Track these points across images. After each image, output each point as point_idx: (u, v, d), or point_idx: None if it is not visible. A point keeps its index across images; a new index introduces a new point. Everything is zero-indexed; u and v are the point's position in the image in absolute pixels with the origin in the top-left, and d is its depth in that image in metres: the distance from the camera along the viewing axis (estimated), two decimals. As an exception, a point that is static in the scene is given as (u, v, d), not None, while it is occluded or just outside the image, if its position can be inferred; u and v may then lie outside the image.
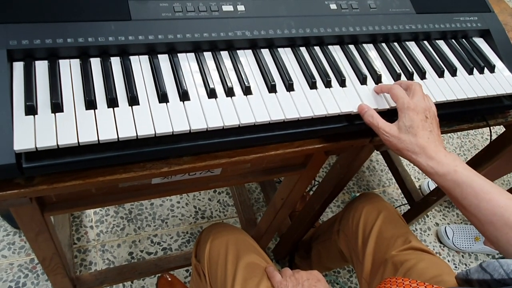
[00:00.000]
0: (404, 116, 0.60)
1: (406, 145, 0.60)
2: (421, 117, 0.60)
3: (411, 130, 0.59)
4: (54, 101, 0.50)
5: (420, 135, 0.59)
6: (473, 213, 0.56)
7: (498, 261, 0.54)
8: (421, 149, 0.59)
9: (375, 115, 0.62)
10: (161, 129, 0.53)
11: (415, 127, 0.59)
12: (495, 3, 1.01)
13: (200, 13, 0.63)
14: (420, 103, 0.61)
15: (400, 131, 0.60)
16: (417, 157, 0.59)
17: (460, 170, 0.57)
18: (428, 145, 0.59)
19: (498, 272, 0.57)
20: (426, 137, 0.59)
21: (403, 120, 0.60)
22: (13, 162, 0.46)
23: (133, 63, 0.58)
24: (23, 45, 0.52)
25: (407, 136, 0.60)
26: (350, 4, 0.73)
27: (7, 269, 1.22)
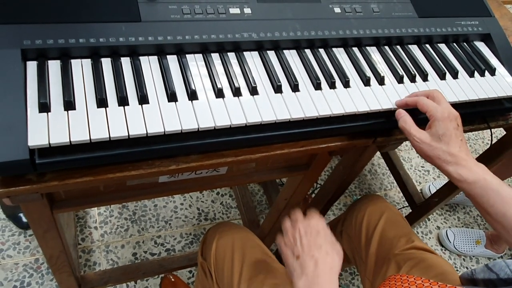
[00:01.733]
0: (438, 124, 0.61)
1: (437, 153, 0.60)
2: (454, 125, 0.61)
3: (444, 138, 0.60)
4: (66, 99, 0.52)
5: (452, 143, 0.60)
6: (499, 220, 0.57)
7: (504, 261, 0.55)
8: (453, 157, 0.60)
9: (409, 121, 0.63)
10: (170, 127, 0.54)
11: (448, 136, 0.60)
12: (496, 8, 1.03)
13: (208, 15, 0.64)
14: (451, 110, 0.62)
15: (432, 138, 0.61)
16: (447, 166, 0.60)
17: (489, 178, 0.58)
18: (459, 154, 0.60)
19: (505, 271, 0.58)
20: (457, 146, 0.60)
21: (437, 128, 0.61)
22: (27, 158, 0.48)
23: (143, 63, 0.60)
24: (36, 45, 0.54)
25: (439, 144, 0.60)
26: (354, 8, 0.75)
27: (12, 269, 1.23)
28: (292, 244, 0.60)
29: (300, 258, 0.58)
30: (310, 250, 0.58)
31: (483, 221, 1.78)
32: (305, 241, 0.59)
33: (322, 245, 0.58)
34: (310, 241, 0.59)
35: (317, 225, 0.62)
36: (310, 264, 0.56)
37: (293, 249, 0.59)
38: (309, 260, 0.57)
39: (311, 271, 0.55)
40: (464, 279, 0.70)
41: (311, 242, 0.59)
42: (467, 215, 1.79)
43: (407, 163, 1.92)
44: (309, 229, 0.61)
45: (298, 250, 0.59)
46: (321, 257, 0.57)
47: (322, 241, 0.59)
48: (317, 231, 0.61)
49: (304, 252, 0.58)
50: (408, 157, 1.95)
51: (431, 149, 0.61)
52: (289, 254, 0.60)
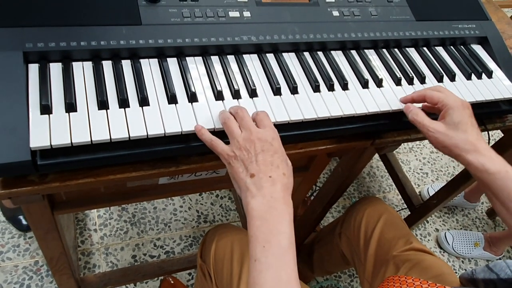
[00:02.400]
0: (453, 112, 0.59)
1: (455, 141, 0.58)
2: (469, 113, 0.60)
3: (461, 126, 0.58)
4: (68, 101, 0.52)
5: (470, 131, 0.58)
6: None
7: (505, 262, 0.55)
8: (473, 146, 0.58)
9: (420, 114, 0.62)
10: (170, 129, 0.55)
11: (464, 123, 0.58)
12: (493, 12, 1.04)
13: (208, 18, 0.65)
14: (462, 99, 0.61)
15: (448, 127, 0.59)
16: (467, 154, 0.58)
17: (511, 171, 0.57)
18: (479, 142, 0.58)
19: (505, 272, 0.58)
20: (475, 134, 0.58)
21: (452, 116, 0.59)
22: (29, 159, 0.48)
23: (143, 66, 0.60)
24: (38, 47, 0.55)
25: (456, 133, 0.59)
26: (352, 11, 0.76)
27: (12, 271, 1.24)
28: (246, 159, 0.53)
29: (255, 177, 0.52)
30: (267, 169, 0.52)
31: (481, 224, 1.79)
32: (261, 159, 0.52)
33: (279, 165, 0.53)
34: (267, 160, 0.52)
35: (273, 139, 0.54)
36: (267, 185, 0.51)
37: (247, 165, 0.53)
38: (266, 180, 0.51)
39: (268, 193, 0.51)
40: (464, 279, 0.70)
41: (267, 161, 0.52)
42: (465, 217, 1.79)
43: (405, 166, 1.93)
44: (267, 146, 0.53)
45: (254, 168, 0.52)
46: (279, 178, 0.52)
47: (279, 161, 0.53)
48: (275, 149, 0.54)
49: (261, 171, 0.52)
50: (407, 159, 1.96)
51: (448, 138, 0.59)
52: (241, 170, 0.53)
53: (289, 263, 0.47)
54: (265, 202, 0.50)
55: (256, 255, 0.48)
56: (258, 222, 0.50)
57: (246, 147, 0.53)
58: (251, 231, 0.50)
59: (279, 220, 0.50)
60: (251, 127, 0.54)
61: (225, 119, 0.56)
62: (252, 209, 0.51)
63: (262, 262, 0.47)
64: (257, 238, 0.49)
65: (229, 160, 0.54)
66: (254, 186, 0.52)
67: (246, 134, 0.54)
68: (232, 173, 0.54)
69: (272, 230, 0.49)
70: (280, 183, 0.52)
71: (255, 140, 0.53)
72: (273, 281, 0.46)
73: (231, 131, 0.55)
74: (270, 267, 0.46)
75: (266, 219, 0.50)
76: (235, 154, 0.53)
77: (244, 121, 0.55)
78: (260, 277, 0.46)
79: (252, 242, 0.49)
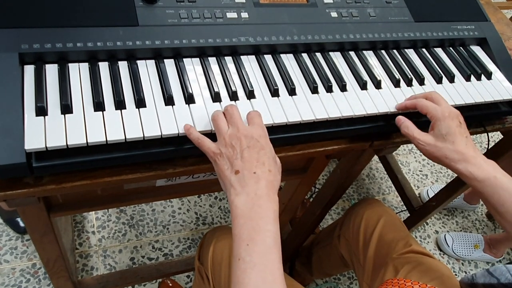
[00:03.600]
0: (440, 124, 0.61)
1: (444, 152, 0.60)
2: (456, 123, 0.61)
3: (449, 137, 0.60)
4: (63, 103, 0.52)
5: (458, 141, 0.60)
6: (509, 219, 0.57)
7: (505, 266, 0.55)
8: (461, 155, 0.60)
9: (411, 126, 0.64)
10: (167, 131, 0.54)
11: (452, 134, 0.60)
12: (492, 13, 1.04)
13: (205, 19, 0.65)
14: (451, 109, 0.62)
15: (437, 139, 0.61)
16: (456, 164, 0.60)
17: (499, 176, 0.58)
18: (467, 151, 0.60)
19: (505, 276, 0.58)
20: (464, 143, 0.60)
21: (439, 128, 0.61)
22: (24, 161, 0.48)
23: (140, 67, 0.60)
24: (34, 49, 0.54)
25: (444, 144, 0.61)
26: (351, 13, 0.76)
27: (9, 274, 1.23)
28: (231, 156, 0.52)
29: (240, 173, 0.51)
30: (252, 166, 0.51)
31: (481, 225, 1.78)
32: (246, 155, 0.51)
33: (265, 162, 0.52)
34: (252, 156, 0.52)
35: (260, 137, 0.53)
36: (251, 182, 0.50)
37: (232, 161, 0.52)
38: (250, 177, 0.50)
39: (252, 190, 0.50)
40: (465, 283, 0.70)
41: (253, 157, 0.52)
42: (465, 219, 1.79)
43: (405, 167, 1.92)
44: (253, 143, 0.52)
45: (239, 164, 0.51)
46: (264, 175, 0.51)
47: (265, 158, 0.52)
48: (262, 146, 0.53)
49: (246, 168, 0.51)
50: (406, 161, 1.95)
51: (437, 149, 0.61)
52: (226, 167, 0.52)
53: (274, 261, 0.46)
54: (249, 200, 0.49)
55: (240, 254, 0.47)
56: (242, 221, 0.49)
57: (232, 143, 0.52)
58: (235, 230, 0.49)
59: (263, 218, 0.49)
60: (238, 124, 0.54)
61: (214, 115, 0.55)
62: (236, 207, 0.50)
63: (246, 261, 0.46)
64: (240, 236, 0.48)
65: (215, 157, 0.53)
66: (239, 183, 0.51)
67: (233, 131, 0.53)
68: (217, 171, 0.54)
69: (256, 228, 0.48)
70: (265, 180, 0.51)
71: (241, 136, 0.53)
72: (257, 280, 0.44)
73: (219, 127, 0.54)
74: (255, 266, 0.45)
75: (250, 217, 0.49)
76: (220, 151, 0.53)
77: (233, 118, 0.54)
78: (244, 276, 0.45)
79: (236, 240, 0.48)
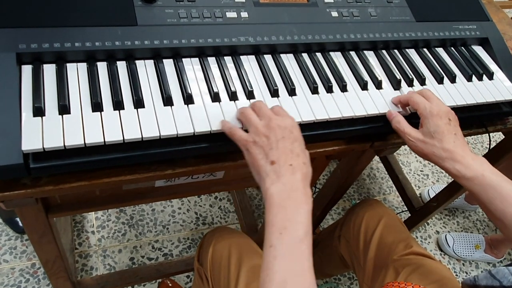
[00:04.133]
0: (428, 122, 0.61)
1: (432, 150, 0.61)
2: (445, 121, 0.61)
3: (436, 135, 0.60)
4: (61, 103, 0.52)
5: (446, 139, 0.60)
6: (498, 217, 0.57)
7: (507, 268, 0.54)
8: (448, 153, 0.60)
9: (402, 121, 0.64)
10: (165, 132, 0.54)
11: (440, 132, 0.60)
12: (494, 13, 1.03)
13: (205, 19, 0.64)
14: (441, 106, 0.63)
15: (425, 136, 0.61)
16: (444, 162, 0.60)
17: (487, 174, 0.58)
18: (454, 149, 0.60)
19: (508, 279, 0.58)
20: (452, 141, 0.60)
21: (427, 125, 0.61)
22: (21, 162, 0.47)
23: (139, 68, 0.59)
24: (32, 48, 0.54)
25: (432, 141, 0.61)
26: (351, 12, 0.75)
27: (9, 274, 1.23)
28: (265, 145, 0.52)
29: (276, 164, 0.51)
30: (287, 158, 0.52)
31: (482, 226, 1.78)
32: (281, 146, 0.52)
33: (300, 154, 0.53)
34: (287, 148, 0.52)
35: (293, 127, 0.54)
36: (287, 174, 0.51)
37: (267, 152, 0.52)
38: (286, 168, 0.51)
39: (288, 181, 0.50)
40: (467, 285, 0.69)
41: (287, 148, 0.52)
42: (466, 219, 1.78)
43: (406, 167, 1.92)
44: (286, 133, 0.53)
45: (274, 154, 0.52)
46: (299, 167, 0.52)
47: (299, 150, 0.53)
48: (295, 137, 0.53)
49: (281, 159, 0.51)
50: (407, 161, 1.95)
51: (426, 146, 0.61)
52: (260, 157, 0.52)
53: (304, 252, 0.47)
54: (285, 190, 0.50)
55: (272, 241, 0.47)
56: (276, 210, 0.49)
57: (266, 133, 0.53)
58: (268, 217, 0.49)
59: (297, 209, 0.49)
60: (270, 115, 0.54)
61: (242, 109, 0.56)
62: (271, 195, 0.50)
63: (277, 249, 0.47)
64: (274, 224, 0.48)
65: (247, 145, 0.53)
66: (275, 173, 0.51)
67: (266, 121, 0.54)
68: (249, 159, 0.54)
69: (290, 219, 0.48)
70: (300, 172, 0.51)
71: (275, 126, 0.53)
72: (286, 269, 0.45)
73: (249, 119, 0.55)
74: (285, 254, 0.46)
75: (284, 207, 0.49)
76: (254, 140, 0.53)
77: (262, 110, 0.55)
78: (274, 263, 0.46)
79: (269, 228, 0.49)
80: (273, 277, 0.45)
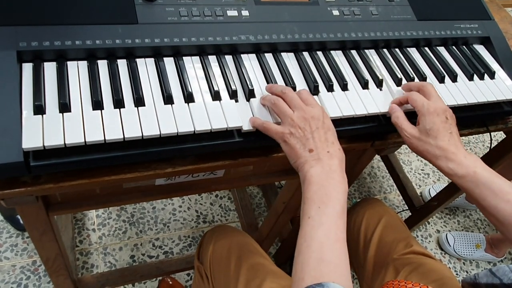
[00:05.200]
0: (424, 119, 0.62)
1: (426, 147, 0.61)
2: (442, 119, 0.62)
3: (432, 132, 0.61)
4: (62, 101, 0.52)
5: (441, 137, 0.61)
6: (492, 213, 0.58)
7: (508, 266, 0.54)
8: (442, 151, 0.60)
9: (401, 116, 0.64)
10: (166, 130, 0.54)
11: (435, 130, 0.61)
12: (496, 11, 1.03)
13: (205, 17, 0.64)
14: (439, 104, 0.63)
15: (421, 133, 0.62)
16: (437, 160, 0.61)
17: (479, 171, 0.58)
18: (448, 147, 0.60)
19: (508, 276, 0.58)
20: (446, 140, 0.61)
21: (423, 123, 0.62)
22: (21, 160, 0.47)
23: (139, 66, 0.59)
24: (32, 46, 0.54)
25: (427, 139, 0.61)
26: (353, 11, 0.75)
27: (10, 271, 1.23)
28: (302, 136, 0.56)
29: (314, 152, 0.55)
30: (324, 146, 0.56)
31: (483, 225, 1.77)
32: (317, 136, 0.56)
33: (334, 141, 0.57)
34: (322, 137, 0.56)
35: (324, 117, 0.58)
36: (325, 158, 0.54)
37: (304, 142, 0.56)
38: (324, 154, 0.55)
39: (327, 164, 0.54)
40: (467, 283, 0.69)
41: (323, 137, 0.56)
42: (467, 218, 1.78)
43: (407, 166, 1.91)
44: (320, 124, 0.57)
45: (311, 144, 0.55)
46: (336, 153, 0.56)
47: (333, 137, 0.57)
48: (328, 127, 0.57)
49: (319, 147, 0.55)
50: (408, 160, 1.94)
51: (420, 143, 0.62)
52: (298, 146, 0.56)
53: (339, 225, 0.50)
54: (324, 172, 0.54)
55: (310, 213, 0.51)
56: (316, 187, 0.53)
57: (301, 125, 0.56)
58: (307, 194, 0.53)
59: (335, 188, 0.52)
60: (302, 106, 0.57)
61: (274, 99, 0.59)
62: (311, 176, 0.54)
63: (316, 220, 0.50)
64: (313, 200, 0.52)
65: (285, 137, 0.56)
66: (314, 159, 0.55)
67: (300, 113, 0.57)
68: (287, 150, 0.57)
69: (328, 195, 0.52)
70: (337, 158, 0.55)
71: (309, 118, 0.56)
72: (322, 237, 0.48)
73: (283, 111, 0.57)
74: (322, 225, 0.49)
75: (323, 185, 0.52)
76: (290, 131, 0.56)
77: (294, 100, 0.58)
78: (312, 232, 0.49)
79: (308, 203, 0.52)
80: (311, 243, 0.48)
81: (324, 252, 0.47)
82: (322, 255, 0.47)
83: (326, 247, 0.48)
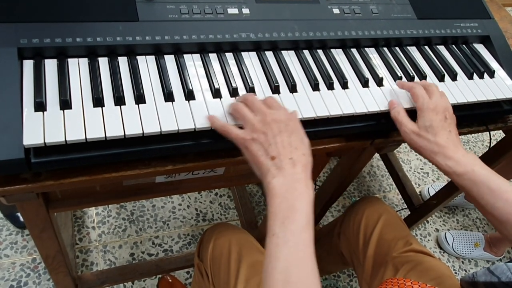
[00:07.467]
0: (424, 116, 0.62)
1: (424, 143, 0.62)
2: (441, 117, 0.62)
3: (431, 130, 0.61)
4: (62, 98, 0.52)
5: (440, 135, 0.61)
6: (490, 211, 0.58)
7: (506, 265, 0.55)
8: (440, 148, 0.61)
9: (401, 112, 0.65)
10: (166, 127, 0.54)
11: (434, 127, 0.61)
12: (496, 11, 1.03)
13: (206, 15, 0.64)
14: (439, 102, 0.63)
15: (420, 130, 0.62)
16: (435, 157, 0.61)
17: (477, 169, 0.59)
18: (447, 145, 0.61)
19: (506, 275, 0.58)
20: (445, 137, 0.61)
21: (423, 119, 0.62)
22: (22, 157, 0.47)
23: (140, 63, 0.59)
24: (33, 43, 0.54)
25: (426, 135, 0.62)
26: (353, 9, 0.75)
27: (9, 268, 1.23)
28: (264, 141, 0.53)
29: (276, 159, 0.52)
30: (287, 152, 0.52)
31: (482, 224, 1.78)
32: (279, 140, 0.53)
33: (298, 146, 0.53)
34: (285, 141, 0.53)
35: (289, 120, 0.54)
36: (288, 167, 0.52)
37: (266, 148, 0.53)
38: (286, 162, 0.52)
39: (289, 173, 0.51)
40: (465, 282, 0.70)
41: (286, 142, 0.53)
42: (466, 217, 1.78)
43: (406, 165, 1.92)
44: (283, 127, 0.53)
45: (274, 150, 0.52)
46: (299, 159, 0.53)
47: (298, 142, 0.54)
48: (292, 129, 0.54)
49: (281, 153, 0.52)
50: (407, 159, 1.95)
51: (419, 139, 0.62)
52: (260, 153, 0.53)
53: (306, 240, 0.48)
54: (286, 182, 0.51)
55: (275, 230, 0.48)
56: (278, 200, 0.50)
57: (263, 129, 0.53)
58: (271, 208, 0.51)
59: (299, 199, 0.50)
60: (264, 109, 0.54)
61: (234, 105, 0.56)
62: (273, 187, 0.51)
63: (280, 237, 0.48)
64: (276, 214, 0.50)
65: (246, 143, 0.53)
66: (276, 167, 0.52)
67: (261, 117, 0.54)
68: (249, 156, 0.54)
69: (291, 208, 0.49)
70: (300, 164, 0.52)
71: (271, 121, 0.53)
72: (288, 255, 0.46)
73: (243, 115, 0.54)
74: (287, 242, 0.47)
75: (286, 198, 0.50)
76: (252, 137, 0.53)
77: (256, 105, 0.55)
78: (276, 250, 0.47)
79: (272, 218, 0.50)
80: (276, 264, 0.46)
81: (291, 273, 0.45)
82: (289, 276, 0.45)
83: (292, 267, 0.46)
